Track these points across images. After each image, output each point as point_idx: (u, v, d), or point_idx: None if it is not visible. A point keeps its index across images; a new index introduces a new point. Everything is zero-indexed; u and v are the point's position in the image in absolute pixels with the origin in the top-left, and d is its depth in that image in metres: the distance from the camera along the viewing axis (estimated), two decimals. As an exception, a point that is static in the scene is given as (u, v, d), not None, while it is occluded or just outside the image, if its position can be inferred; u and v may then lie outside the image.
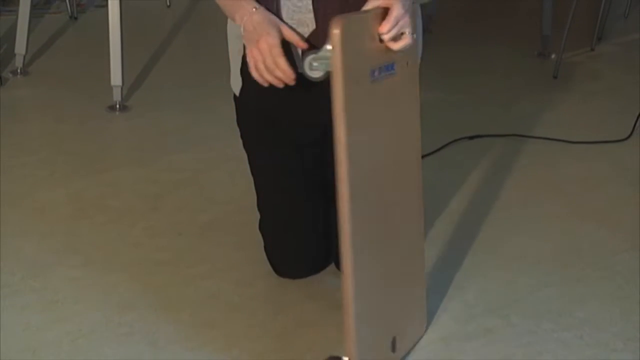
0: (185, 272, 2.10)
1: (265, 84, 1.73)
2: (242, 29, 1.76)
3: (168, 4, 4.32)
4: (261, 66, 1.72)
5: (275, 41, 1.71)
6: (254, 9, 1.75)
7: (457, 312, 1.96)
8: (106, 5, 3.08)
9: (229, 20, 1.93)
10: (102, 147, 2.81)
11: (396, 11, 1.60)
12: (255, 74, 1.74)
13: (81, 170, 2.61)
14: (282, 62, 1.71)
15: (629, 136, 2.90)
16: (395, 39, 1.62)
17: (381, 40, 1.61)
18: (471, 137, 2.87)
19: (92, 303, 1.97)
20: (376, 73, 1.60)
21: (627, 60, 3.72)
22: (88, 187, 2.51)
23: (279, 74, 1.71)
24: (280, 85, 1.73)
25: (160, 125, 2.96)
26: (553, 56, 3.64)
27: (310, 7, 1.77)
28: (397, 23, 1.60)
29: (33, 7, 3.37)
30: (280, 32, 1.73)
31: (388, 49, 1.62)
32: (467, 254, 2.18)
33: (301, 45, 1.76)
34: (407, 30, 1.63)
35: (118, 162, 2.68)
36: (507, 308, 1.99)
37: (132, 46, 3.29)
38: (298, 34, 1.77)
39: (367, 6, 1.63)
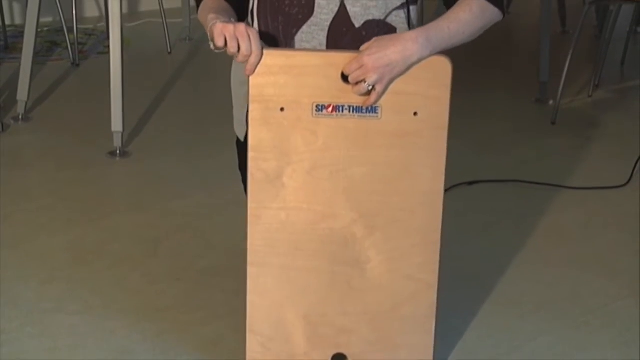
0: (184, 318, 2.09)
1: (220, 48, 1.65)
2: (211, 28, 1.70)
3: (169, 50, 4.36)
4: (230, 33, 1.64)
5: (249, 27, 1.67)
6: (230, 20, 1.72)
7: (458, 359, 1.95)
8: (108, 52, 3.12)
9: (233, 66, 1.95)
10: (102, 193, 2.82)
11: (364, 57, 1.64)
12: (218, 39, 1.65)
13: (81, 216, 2.62)
14: (255, 34, 1.65)
15: (628, 182, 2.90)
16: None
17: (347, 81, 1.67)
18: (470, 183, 2.88)
19: (91, 350, 1.97)
20: (328, 110, 1.68)
21: (624, 106, 3.74)
22: (88, 233, 2.51)
23: (245, 43, 1.63)
24: (239, 59, 1.65)
25: (160, 171, 2.97)
26: (551, 102, 3.66)
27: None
28: (359, 67, 1.64)
29: (35, 54, 3.41)
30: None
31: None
32: (467, 300, 2.18)
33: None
34: (369, 79, 1.65)
35: (118, 208, 2.69)
36: (507, 354, 1.98)
37: (133, 92, 3.32)
38: None
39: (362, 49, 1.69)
